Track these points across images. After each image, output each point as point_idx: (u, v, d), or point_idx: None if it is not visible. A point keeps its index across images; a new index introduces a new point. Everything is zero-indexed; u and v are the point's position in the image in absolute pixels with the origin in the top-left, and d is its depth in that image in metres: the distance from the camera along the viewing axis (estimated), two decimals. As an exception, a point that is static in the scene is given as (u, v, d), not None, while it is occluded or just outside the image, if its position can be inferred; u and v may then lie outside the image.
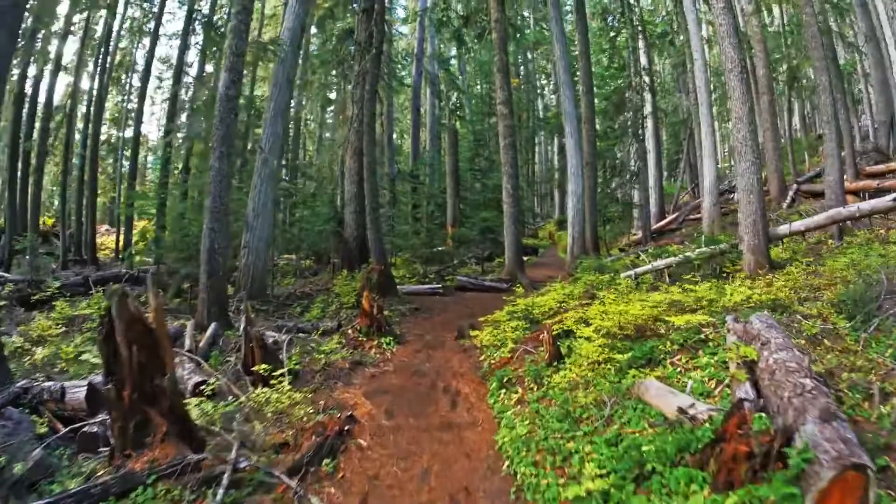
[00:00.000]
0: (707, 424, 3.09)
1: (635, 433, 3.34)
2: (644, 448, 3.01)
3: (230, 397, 4.78)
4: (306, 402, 4.85)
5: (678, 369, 4.50)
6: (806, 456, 2.56)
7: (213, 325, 7.90)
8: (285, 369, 5.56)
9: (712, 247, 9.20)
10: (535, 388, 4.81)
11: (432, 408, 5.05)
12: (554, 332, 5.35)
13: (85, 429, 4.65)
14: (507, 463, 3.68)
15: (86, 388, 5.23)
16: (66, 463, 4.22)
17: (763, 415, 3.40)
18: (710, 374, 4.25)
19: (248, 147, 16.09)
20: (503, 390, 5.09)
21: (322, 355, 6.39)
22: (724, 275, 8.33)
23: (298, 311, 9.98)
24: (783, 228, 9.20)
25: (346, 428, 4.30)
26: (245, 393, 5.35)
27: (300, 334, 7.95)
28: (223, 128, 9.05)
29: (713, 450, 2.77)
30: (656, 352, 4.74)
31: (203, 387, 5.09)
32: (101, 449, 4.37)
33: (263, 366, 5.33)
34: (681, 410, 3.19)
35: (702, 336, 4.92)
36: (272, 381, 5.06)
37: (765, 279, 7.24)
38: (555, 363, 5.06)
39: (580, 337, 5.04)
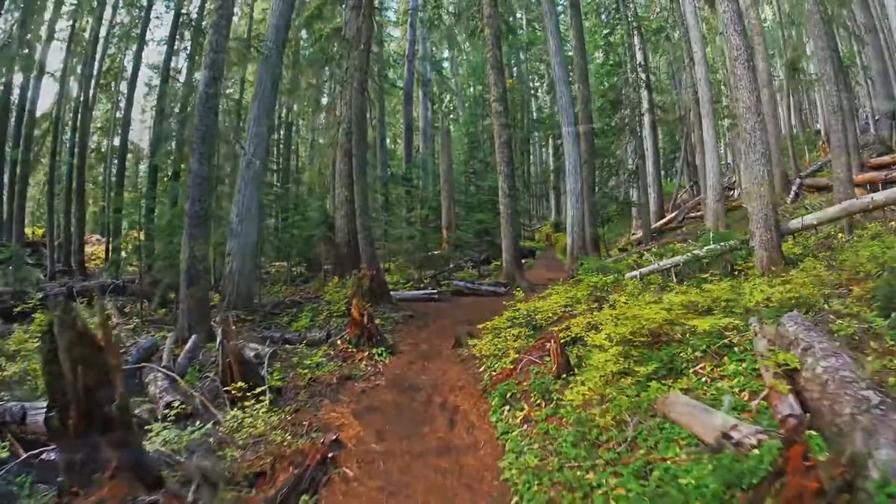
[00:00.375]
0: (756, 451, 2.56)
1: (667, 461, 2.81)
2: (682, 481, 2.49)
3: (198, 422, 4.24)
4: (286, 426, 4.31)
5: (703, 379, 3.99)
6: (890, 490, 2.07)
7: (192, 338, 7.37)
8: (266, 387, 5.04)
9: (722, 244, 8.73)
10: (542, 405, 4.25)
11: (428, 427, 4.51)
12: (561, 340, 4.82)
13: (43, 456, 4.18)
14: (514, 499, 3.13)
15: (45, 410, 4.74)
16: (26, 492, 3.75)
17: (812, 432, 2.91)
18: (740, 385, 3.75)
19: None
20: (506, 407, 4.53)
21: (307, 370, 5.83)
22: (736, 272, 7.87)
23: (287, 321, 9.44)
24: (795, 223, 8.75)
25: (329, 455, 3.76)
26: (223, 412, 4.84)
27: (286, 346, 7.41)
28: (203, 128, 8.59)
29: (771, 485, 2.25)
30: (677, 360, 4.23)
31: (167, 410, 4.52)
32: (59, 479, 3.87)
33: (240, 384, 4.79)
34: (725, 436, 2.67)
35: (726, 341, 4.42)
36: (246, 403, 4.51)
37: (782, 276, 6.75)
38: (563, 375, 4.52)
39: (591, 345, 4.52)
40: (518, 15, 30.85)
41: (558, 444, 3.42)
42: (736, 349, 4.30)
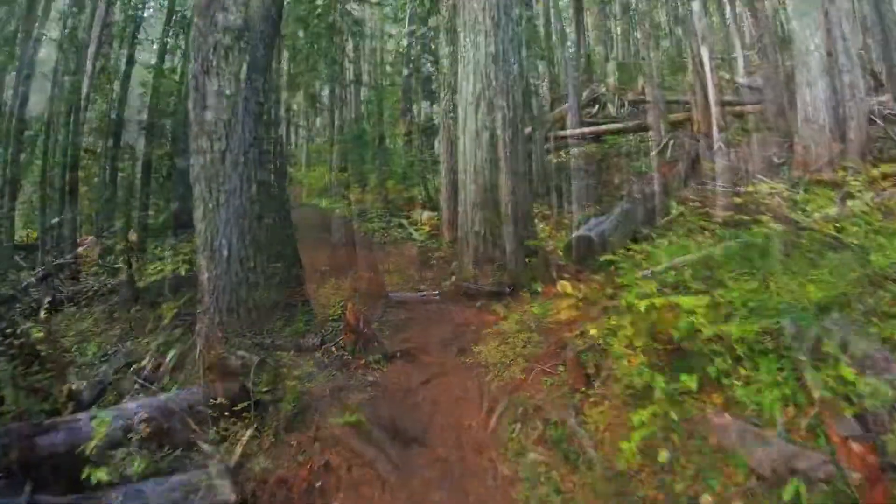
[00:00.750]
0: (825, 486, 2.10)
1: (714, 497, 2.35)
2: (740, 529, 2.03)
3: (167, 447, 3.79)
4: (269, 447, 3.86)
5: (738, 392, 3.53)
6: None
7: (177, 346, 6.93)
8: (251, 401, 4.59)
9: (737, 240, 8.30)
10: (558, 424, 3.79)
11: (429, 447, 4.04)
12: (577, 348, 4.35)
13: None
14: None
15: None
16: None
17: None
18: (782, 399, 3.29)
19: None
20: (518, 424, 4.04)
21: (296, 380, 5.36)
22: (755, 270, 7.42)
23: (280, 325, 8.97)
24: (816, 217, 8.33)
25: (316, 484, 3.31)
26: (204, 430, 4.39)
27: (277, 352, 6.93)
28: (192, 124, 8.16)
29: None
30: (708, 370, 3.77)
31: (136, 432, 4.03)
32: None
33: (221, 399, 4.34)
34: (792, 472, 2.21)
35: (760, 347, 3.96)
36: (225, 424, 4.07)
37: (807, 274, 6.30)
38: (582, 389, 4.05)
39: (611, 354, 4.05)
40: (517, 11, 30.44)
41: (581, 473, 2.96)
42: (771, 356, 3.86)
